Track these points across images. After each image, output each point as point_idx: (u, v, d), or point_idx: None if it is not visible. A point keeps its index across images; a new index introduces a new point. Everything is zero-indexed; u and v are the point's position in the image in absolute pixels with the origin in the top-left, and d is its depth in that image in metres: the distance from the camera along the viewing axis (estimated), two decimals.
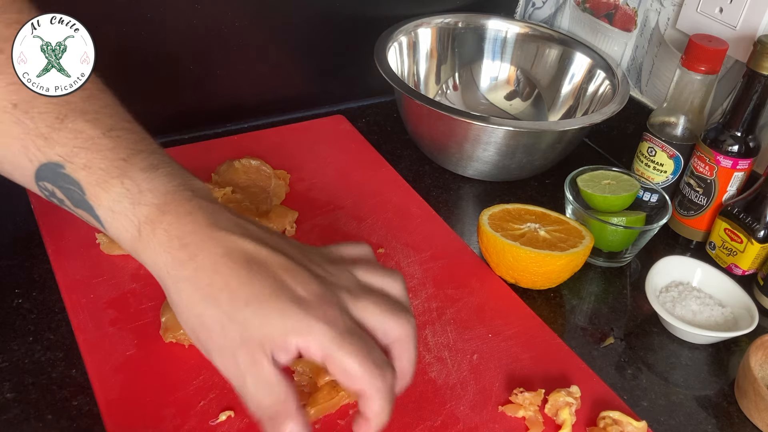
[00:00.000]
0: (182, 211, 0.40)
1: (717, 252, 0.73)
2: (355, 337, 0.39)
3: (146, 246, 0.40)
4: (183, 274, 0.39)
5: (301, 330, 0.38)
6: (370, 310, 0.41)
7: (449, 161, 0.82)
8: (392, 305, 0.42)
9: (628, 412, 0.54)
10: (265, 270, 0.39)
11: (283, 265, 0.40)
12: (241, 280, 0.38)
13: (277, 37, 0.85)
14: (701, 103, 0.72)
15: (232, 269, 0.39)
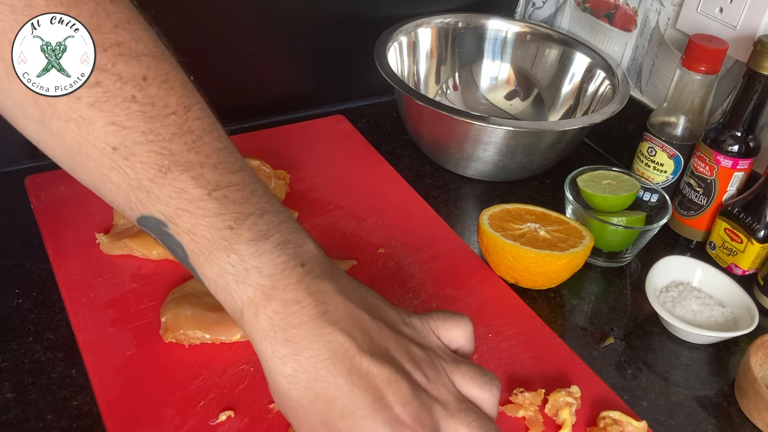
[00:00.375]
0: (289, 298, 0.37)
1: (717, 252, 0.73)
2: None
3: (248, 327, 0.38)
4: (282, 369, 0.37)
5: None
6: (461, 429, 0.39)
7: (449, 161, 0.82)
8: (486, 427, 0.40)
9: (628, 412, 0.54)
10: (366, 383, 0.37)
11: (385, 378, 0.37)
12: (341, 391, 0.37)
13: (277, 37, 0.85)
14: (701, 103, 0.72)
15: (333, 377, 0.37)
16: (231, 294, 0.37)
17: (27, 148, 0.75)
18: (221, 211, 0.37)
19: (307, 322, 0.37)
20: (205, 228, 0.37)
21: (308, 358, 0.37)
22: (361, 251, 0.68)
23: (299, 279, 0.38)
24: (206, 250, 0.37)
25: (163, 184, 0.37)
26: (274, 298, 0.37)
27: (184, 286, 0.59)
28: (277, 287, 0.37)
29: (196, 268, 0.38)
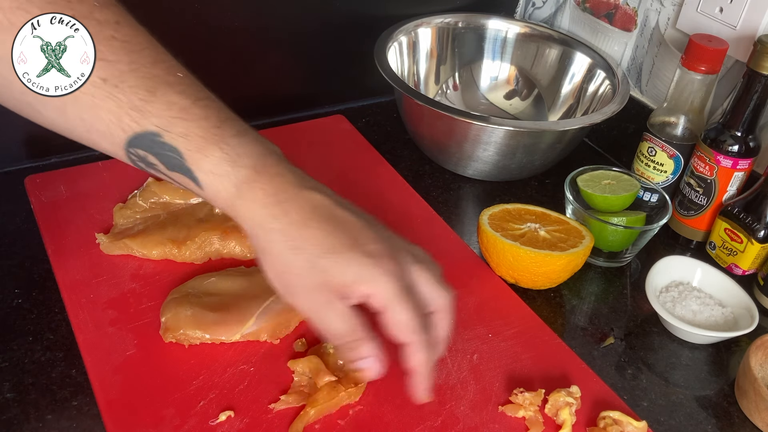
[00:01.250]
0: (274, 172, 0.46)
1: (717, 252, 0.73)
2: (410, 296, 0.46)
3: (244, 202, 0.45)
4: (276, 226, 0.45)
5: (372, 280, 0.44)
6: (424, 278, 0.48)
7: (449, 161, 0.82)
8: (440, 279, 0.49)
9: (628, 412, 0.54)
10: (344, 226, 0.46)
11: (358, 225, 0.46)
12: (326, 232, 0.45)
13: (277, 37, 0.85)
14: (701, 103, 0.72)
15: (319, 223, 0.45)
16: (228, 177, 0.45)
17: (27, 148, 0.76)
18: (207, 115, 0.45)
19: (291, 188, 0.46)
20: (196, 128, 0.44)
21: (297, 212, 0.45)
22: None
23: (278, 161, 0.47)
24: (201, 146, 0.44)
25: (153, 101, 0.44)
26: (264, 173, 0.45)
27: (184, 286, 0.59)
28: (265, 165, 0.46)
29: (192, 164, 0.45)
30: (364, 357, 0.47)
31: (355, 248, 0.45)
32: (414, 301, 0.46)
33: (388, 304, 0.45)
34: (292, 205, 0.45)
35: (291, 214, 0.45)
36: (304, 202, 0.45)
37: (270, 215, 0.45)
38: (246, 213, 0.46)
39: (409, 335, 0.46)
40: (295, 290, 0.46)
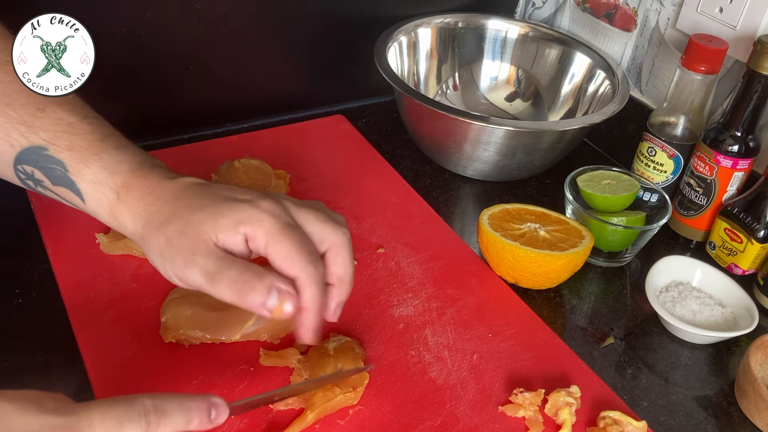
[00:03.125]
0: (149, 173, 0.48)
1: (717, 252, 0.73)
2: (294, 230, 0.46)
3: (123, 205, 0.47)
4: (152, 210, 0.46)
5: (251, 219, 0.44)
6: (309, 217, 0.47)
7: (449, 161, 0.82)
8: (329, 216, 0.49)
9: (628, 412, 0.54)
10: (215, 190, 0.47)
11: (229, 188, 0.48)
12: (197, 197, 0.46)
13: (277, 37, 0.85)
14: (701, 103, 0.72)
15: (189, 194, 0.47)
16: (107, 185, 0.47)
17: None
18: (92, 130, 0.48)
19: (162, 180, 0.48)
20: (81, 141, 0.47)
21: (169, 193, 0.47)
22: (361, 251, 0.68)
23: (154, 165, 0.49)
24: (84, 157, 0.47)
25: (43, 117, 0.47)
26: (138, 176, 0.48)
27: None
28: (140, 169, 0.48)
29: (74, 176, 0.47)
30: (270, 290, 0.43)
31: (228, 199, 0.46)
32: (297, 235, 0.45)
33: (269, 239, 0.44)
34: (164, 190, 0.47)
35: (163, 196, 0.47)
36: (175, 185, 0.47)
37: (145, 205, 0.47)
38: (126, 215, 0.47)
39: (295, 269, 0.44)
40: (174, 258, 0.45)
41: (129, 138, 0.80)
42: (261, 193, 0.47)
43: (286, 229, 0.45)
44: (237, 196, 0.46)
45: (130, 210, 0.47)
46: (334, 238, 0.47)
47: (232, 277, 0.43)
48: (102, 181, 0.47)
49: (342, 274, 0.48)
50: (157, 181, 0.47)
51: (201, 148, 0.79)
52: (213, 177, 0.73)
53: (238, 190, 0.47)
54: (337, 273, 0.48)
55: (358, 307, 0.62)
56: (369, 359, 0.57)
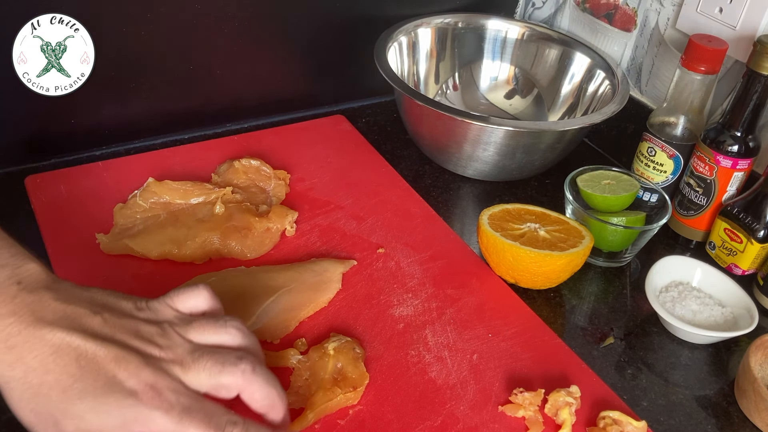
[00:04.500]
0: (5, 312, 0.39)
1: (717, 252, 0.73)
2: (192, 414, 0.41)
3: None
4: (13, 374, 0.39)
5: (142, 420, 0.40)
6: (202, 377, 0.43)
7: (449, 161, 0.82)
8: (222, 361, 0.43)
9: (628, 412, 0.54)
10: (95, 365, 0.40)
11: (112, 357, 0.40)
12: (73, 377, 0.39)
13: (277, 37, 0.85)
14: (701, 103, 0.73)
15: (62, 367, 0.39)
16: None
17: (27, 148, 0.76)
18: None
19: (24, 329, 0.39)
20: None
21: (34, 358, 0.39)
22: (361, 251, 0.68)
23: (14, 295, 0.40)
24: None
25: None
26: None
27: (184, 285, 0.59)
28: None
29: None
30: None
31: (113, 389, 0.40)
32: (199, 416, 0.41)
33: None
34: (27, 350, 0.39)
35: (27, 360, 0.39)
36: (42, 345, 0.39)
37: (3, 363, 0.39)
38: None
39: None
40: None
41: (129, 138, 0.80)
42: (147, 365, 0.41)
43: (182, 419, 0.40)
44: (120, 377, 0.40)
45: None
46: (233, 381, 0.44)
47: None
48: None
49: (266, 402, 0.45)
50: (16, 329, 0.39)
51: (201, 148, 0.79)
52: (213, 177, 0.73)
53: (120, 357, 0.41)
54: (261, 404, 0.45)
55: (358, 307, 0.62)
56: (369, 359, 0.57)
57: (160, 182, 0.69)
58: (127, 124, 0.80)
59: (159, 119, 0.82)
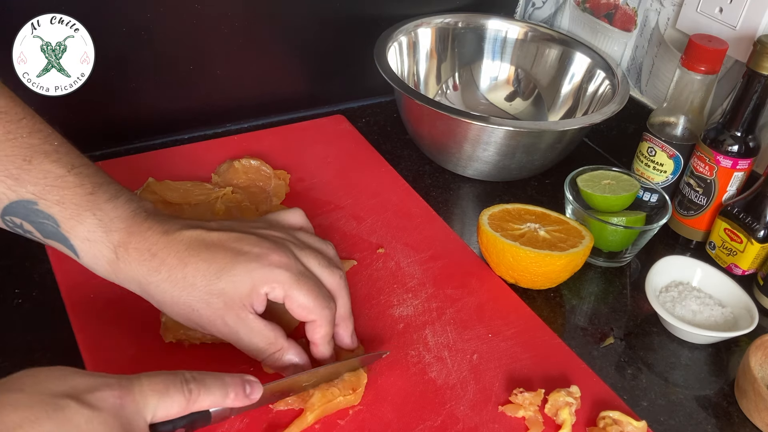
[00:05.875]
0: (144, 228, 0.48)
1: (717, 252, 0.73)
2: (307, 279, 0.49)
3: (124, 265, 0.47)
4: (159, 278, 0.47)
5: (267, 278, 0.47)
6: (312, 263, 0.51)
7: (449, 161, 0.82)
8: (327, 260, 0.52)
9: (628, 412, 0.54)
10: (221, 246, 0.48)
11: (234, 238, 0.48)
12: (207, 261, 0.47)
13: (277, 37, 0.85)
14: (701, 103, 0.73)
15: (196, 256, 0.47)
16: (103, 243, 0.47)
17: None
18: (82, 183, 0.47)
19: (161, 237, 0.48)
20: (71, 196, 0.46)
21: (173, 256, 0.47)
22: (361, 251, 0.68)
23: (146, 217, 0.49)
24: (76, 214, 0.46)
25: (29, 169, 0.45)
26: (135, 234, 0.47)
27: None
28: (134, 225, 0.48)
29: (67, 232, 0.47)
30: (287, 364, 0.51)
31: (239, 259, 0.47)
32: (311, 284, 0.49)
33: (287, 293, 0.48)
34: (166, 253, 0.47)
35: (168, 261, 0.47)
36: (177, 244, 0.48)
37: (150, 270, 0.47)
38: (128, 276, 0.48)
39: (312, 314, 0.49)
40: (209, 323, 0.48)
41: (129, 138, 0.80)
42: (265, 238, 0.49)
43: (300, 280, 0.48)
44: (245, 248, 0.48)
45: (132, 271, 0.47)
46: (332, 282, 0.52)
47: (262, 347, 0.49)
48: (97, 239, 0.47)
49: (343, 313, 0.53)
50: (154, 239, 0.48)
51: (201, 148, 0.79)
52: (213, 177, 0.73)
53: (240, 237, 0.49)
54: (339, 314, 0.53)
55: (358, 307, 0.62)
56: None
57: (160, 182, 0.69)
58: (127, 124, 0.80)
59: (159, 119, 0.82)
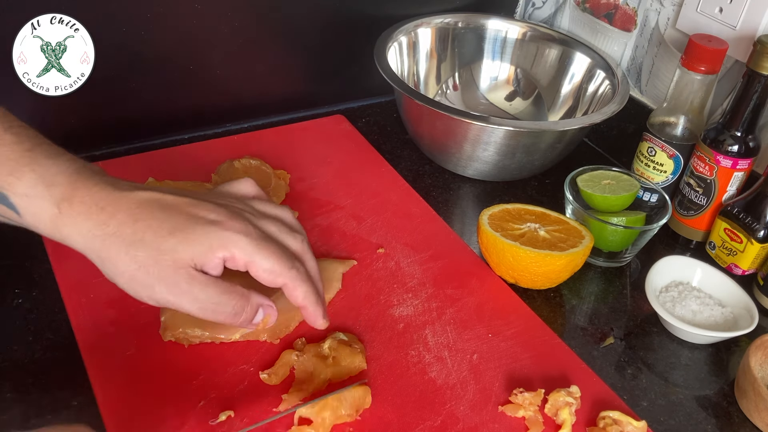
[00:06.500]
0: (90, 184, 0.46)
1: (717, 252, 0.73)
2: (267, 242, 0.47)
3: (68, 219, 0.45)
4: (108, 231, 0.45)
5: (225, 243, 0.45)
6: (271, 228, 0.49)
7: (449, 161, 0.82)
8: (288, 226, 0.51)
9: (628, 412, 0.54)
10: (176, 208, 0.46)
11: (190, 203, 0.47)
12: (160, 219, 0.45)
13: (276, 37, 0.85)
14: (701, 103, 0.73)
15: (149, 213, 0.45)
16: (44, 198, 0.45)
17: None
18: (20, 140, 0.45)
19: (110, 194, 0.46)
20: (8, 153, 0.45)
21: (124, 212, 0.45)
22: (361, 251, 0.68)
23: (93, 174, 0.47)
24: (14, 169, 0.45)
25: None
26: (80, 188, 0.45)
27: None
28: (80, 180, 0.46)
29: (5, 189, 0.45)
30: (256, 309, 0.48)
31: (196, 222, 0.46)
32: (273, 246, 0.47)
33: (249, 259, 0.46)
34: (116, 208, 0.45)
35: (118, 216, 0.45)
36: (128, 201, 0.46)
37: (97, 223, 0.45)
38: (72, 230, 0.46)
39: (281, 276, 0.48)
40: (154, 284, 0.45)
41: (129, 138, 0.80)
42: (222, 206, 0.48)
43: (261, 244, 0.46)
44: (201, 214, 0.46)
45: (76, 226, 0.45)
46: (295, 245, 0.50)
47: (220, 301, 0.46)
48: (38, 194, 0.45)
49: (313, 275, 0.52)
50: (103, 195, 0.46)
51: (201, 148, 0.79)
52: (213, 177, 0.73)
53: (197, 203, 0.47)
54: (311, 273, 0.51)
55: (358, 307, 0.62)
56: (369, 359, 0.57)
57: (160, 182, 0.69)
58: (127, 124, 0.80)
59: (159, 119, 0.82)
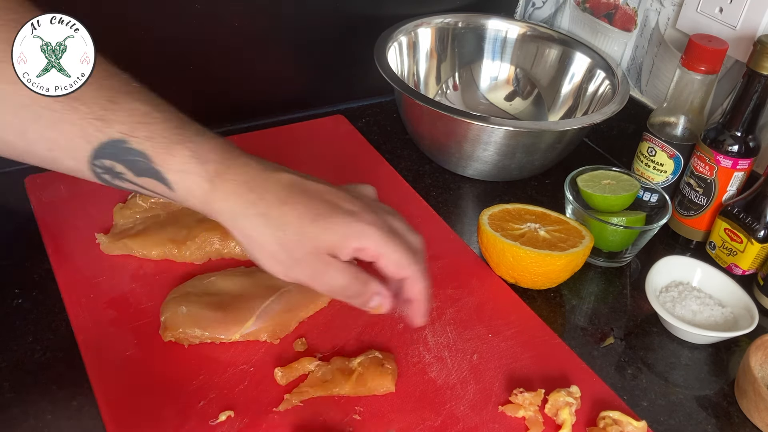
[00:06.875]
0: (241, 162, 0.48)
1: (717, 252, 0.73)
2: (397, 237, 0.50)
3: (220, 194, 0.47)
4: (256, 211, 0.47)
5: (360, 234, 0.48)
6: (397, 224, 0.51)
7: (449, 161, 0.82)
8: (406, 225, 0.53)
9: (628, 412, 0.54)
10: (318, 195, 0.49)
11: (328, 191, 0.49)
12: (304, 204, 0.47)
13: (277, 38, 0.85)
14: (701, 103, 0.72)
15: (296, 198, 0.48)
16: (198, 174, 0.47)
17: None
18: (168, 118, 0.47)
19: (260, 174, 0.48)
20: (161, 130, 0.46)
21: (272, 193, 0.47)
22: None
23: (241, 153, 0.49)
24: (167, 147, 0.46)
25: (116, 110, 0.45)
26: (231, 166, 0.47)
27: (184, 285, 0.59)
28: (230, 158, 0.48)
29: (160, 165, 0.46)
30: (373, 295, 0.50)
31: (336, 211, 0.48)
32: (401, 241, 0.50)
33: (380, 250, 0.48)
34: (265, 189, 0.48)
35: (266, 197, 0.47)
36: (276, 183, 0.48)
37: (247, 202, 0.47)
38: (222, 206, 0.48)
39: (407, 269, 0.50)
40: (292, 264, 0.48)
41: None
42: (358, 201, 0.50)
43: (391, 238, 0.49)
44: (341, 204, 0.49)
45: (227, 202, 0.47)
46: (417, 243, 0.52)
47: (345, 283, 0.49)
48: (191, 170, 0.47)
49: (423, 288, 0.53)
50: (252, 174, 0.48)
51: None
52: None
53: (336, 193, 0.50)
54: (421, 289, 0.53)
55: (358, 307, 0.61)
56: None
57: None
58: None
59: None
